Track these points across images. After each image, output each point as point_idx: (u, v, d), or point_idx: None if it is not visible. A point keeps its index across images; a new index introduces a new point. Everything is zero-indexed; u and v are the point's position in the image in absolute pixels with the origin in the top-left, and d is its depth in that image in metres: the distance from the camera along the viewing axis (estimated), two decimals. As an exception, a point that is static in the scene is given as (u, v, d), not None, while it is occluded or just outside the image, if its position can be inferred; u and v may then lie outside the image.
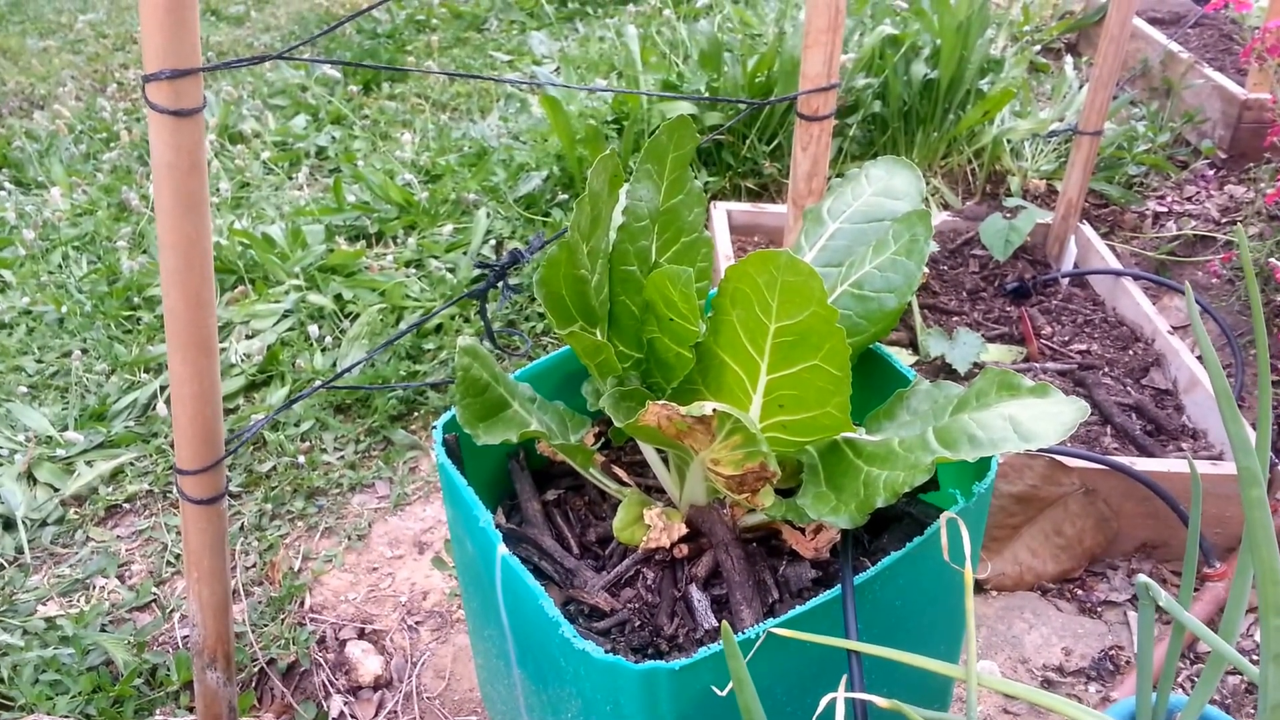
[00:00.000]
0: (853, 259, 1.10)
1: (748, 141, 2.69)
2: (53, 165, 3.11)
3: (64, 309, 2.40)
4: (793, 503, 0.99)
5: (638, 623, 1.02)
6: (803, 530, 1.08)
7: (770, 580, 1.05)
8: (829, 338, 0.89)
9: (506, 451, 1.23)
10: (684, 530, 1.06)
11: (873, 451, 0.97)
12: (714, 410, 0.85)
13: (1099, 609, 1.72)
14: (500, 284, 1.21)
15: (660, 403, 0.89)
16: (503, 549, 0.98)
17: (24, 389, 2.16)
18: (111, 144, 3.28)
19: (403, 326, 2.13)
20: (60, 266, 2.62)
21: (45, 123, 3.51)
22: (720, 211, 2.42)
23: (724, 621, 0.71)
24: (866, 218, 1.17)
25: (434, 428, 1.11)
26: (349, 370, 1.27)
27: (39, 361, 2.28)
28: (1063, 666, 1.63)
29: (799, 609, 0.92)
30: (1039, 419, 0.90)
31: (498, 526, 1.15)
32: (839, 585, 0.95)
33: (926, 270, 2.21)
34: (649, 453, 1.12)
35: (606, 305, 1.05)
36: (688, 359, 0.99)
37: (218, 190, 2.87)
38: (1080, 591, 1.77)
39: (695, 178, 2.63)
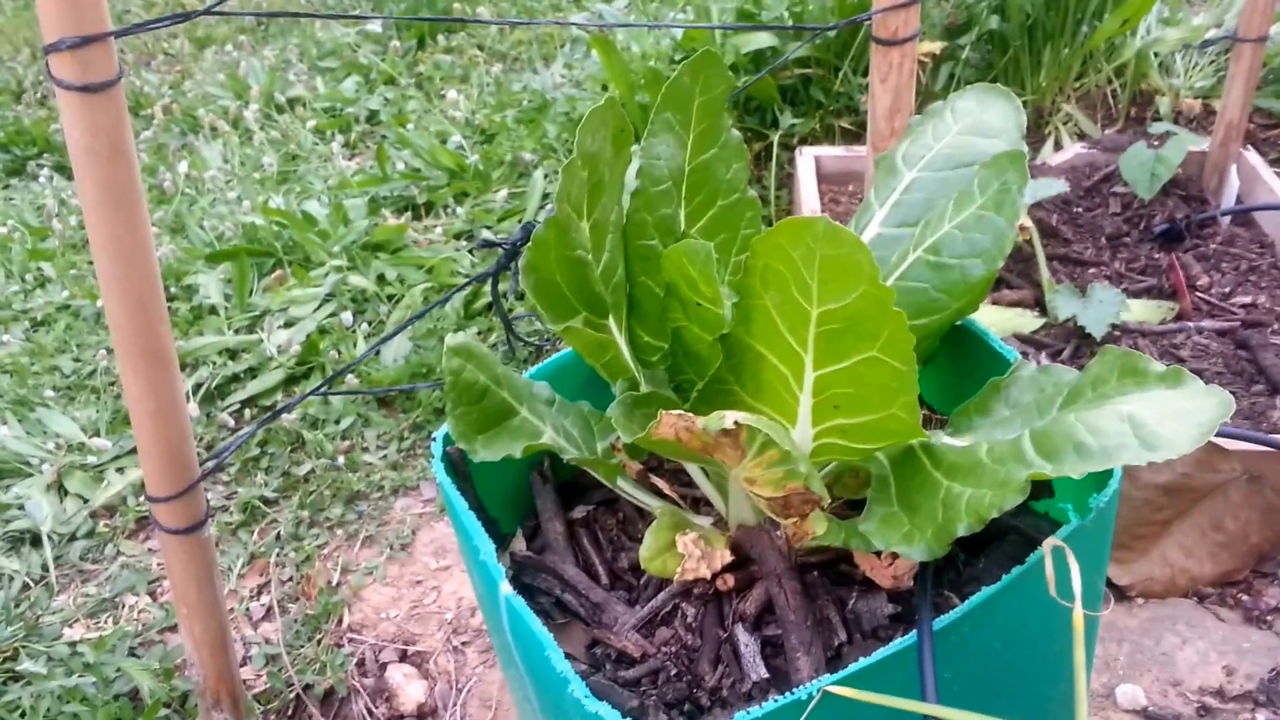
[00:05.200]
0: (930, 216, 0.96)
1: (840, 74, 2.52)
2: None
3: (100, 303, 2.40)
4: (854, 527, 0.86)
5: (674, 671, 0.92)
6: (878, 552, 0.95)
7: (836, 617, 0.93)
8: (886, 323, 0.75)
9: (529, 461, 1.13)
10: (727, 558, 0.94)
11: (954, 462, 0.84)
12: (736, 423, 0.73)
13: (1268, 617, 1.54)
14: (513, 265, 1.11)
15: (675, 413, 0.77)
16: (506, 588, 0.88)
17: (58, 391, 2.18)
18: (152, 121, 3.31)
19: (405, 320, 2.04)
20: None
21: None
22: (807, 158, 2.26)
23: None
24: (951, 163, 1.02)
25: (433, 439, 1.02)
26: (346, 371, 1.19)
27: (76, 360, 2.29)
28: (1223, 689, 1.46)
29: (865, 662, 0.80)
30: (1168, 418, 0.75)
31: (515, 554, 1.06)
32: (915, 631, 0.82)
33: (1029, 225, 2.01)
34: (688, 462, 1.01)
35: (624, 289, 0.93)
36: (721, 350, 0.87)
37: (261, 166, 2.85)
38: (1245, 597, 1.60)
39: (778, 117, 2.49)
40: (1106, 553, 0.99)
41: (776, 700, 0.76)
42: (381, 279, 2.28)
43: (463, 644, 1.62)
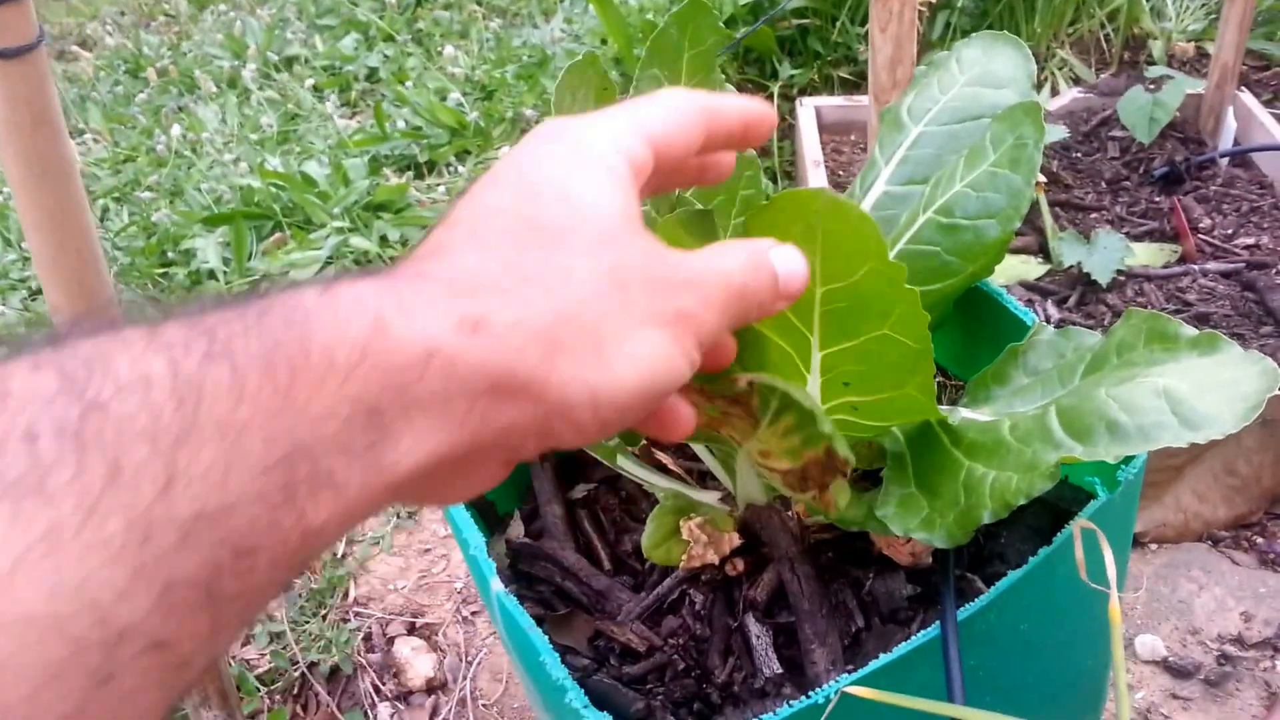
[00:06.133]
0: (940, 175, 0.86)
1: (837, 24, 2.39)
2: (90, 110, 3.02)
3: (102, 271, 2.31)
4: (871, 507, 0.78)
5: (682, 665, 0.84)
6: (893, 529, 0.87)
7: (853, 601, 0.85)
8: (897, 301, 0.66)
9: (527, 438, 1.05)
10: (735, 542, 0.86)
11: (975, 440, 0.75)
12: (750, 383, 0.64)
13: (1284, 562, 1.48)
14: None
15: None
16: (496, 585, 0.80)
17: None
18: (149, 84, 3.18)
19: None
20: (101, 220, 2.53)
21: (88, 66, 3.43)
22: (807, 109, 2.15)
23: None
24: (959, 116, 0.92)
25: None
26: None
27: (77, 329, 2.21)
28: (1242, 636, 1.39)
29: (886, 659, 0.72)
30: (1207, 392, 0.65)
31: (511, 541, 0.98)
32: (938, 622, 0.74)
33: (1042, 180, 1.91)
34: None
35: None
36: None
37: (260, 126, 2.74)
38: (1260, 539, 1.54)
39: (777, 69, 2.37)
40: (1133, 524, 0.91)
41: (791, 705, 0.68)
42: (384, 240, 2.18)
43: (472, 614, 1.55)
